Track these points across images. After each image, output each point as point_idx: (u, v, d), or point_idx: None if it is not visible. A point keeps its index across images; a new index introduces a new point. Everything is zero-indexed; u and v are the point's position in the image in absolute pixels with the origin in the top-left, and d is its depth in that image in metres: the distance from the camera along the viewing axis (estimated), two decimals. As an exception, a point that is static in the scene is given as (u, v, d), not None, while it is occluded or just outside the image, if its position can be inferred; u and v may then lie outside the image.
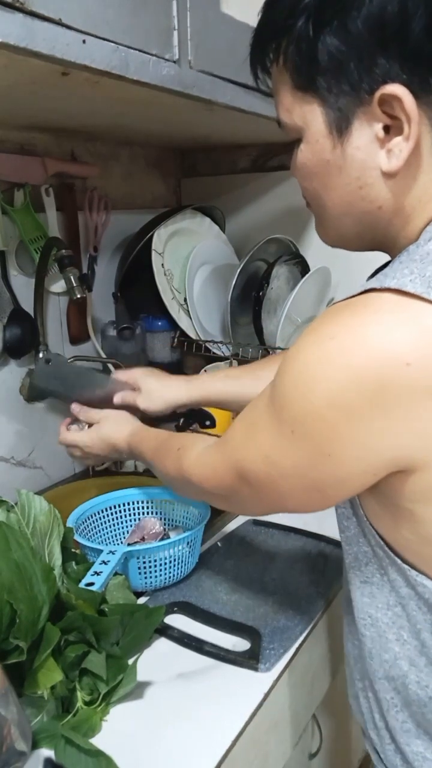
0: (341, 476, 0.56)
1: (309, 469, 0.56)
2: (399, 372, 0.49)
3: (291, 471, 0.58)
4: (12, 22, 0.60)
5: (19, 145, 1.16)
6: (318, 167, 0.59)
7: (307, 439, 0.55)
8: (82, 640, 0.71)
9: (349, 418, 0.52)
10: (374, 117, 0.54)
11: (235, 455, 0.64)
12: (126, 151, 1.44)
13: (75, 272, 1.09)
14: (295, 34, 0.55)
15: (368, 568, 0.64)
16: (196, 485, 0.74)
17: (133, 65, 0.75)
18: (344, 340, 0.52)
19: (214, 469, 0.69)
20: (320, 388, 0.52)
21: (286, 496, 0.61)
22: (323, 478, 0.57)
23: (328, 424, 0.53)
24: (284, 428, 0.56)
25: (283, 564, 0.98)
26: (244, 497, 0.66)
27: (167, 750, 0.65)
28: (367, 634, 0.66)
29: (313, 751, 0.99)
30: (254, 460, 0.61)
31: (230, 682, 0.75)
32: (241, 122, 1.10)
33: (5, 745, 0.60)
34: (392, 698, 0.66)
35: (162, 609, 0.78)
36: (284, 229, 1.45)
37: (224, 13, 0.91)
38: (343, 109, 0.55)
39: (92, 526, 0.99)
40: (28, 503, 0.80)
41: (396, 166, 0.55)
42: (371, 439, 0.52)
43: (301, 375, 0.54)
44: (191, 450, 0.76)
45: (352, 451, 0.53)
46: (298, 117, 0.59)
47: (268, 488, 0.61)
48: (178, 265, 1.42)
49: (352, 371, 0.51)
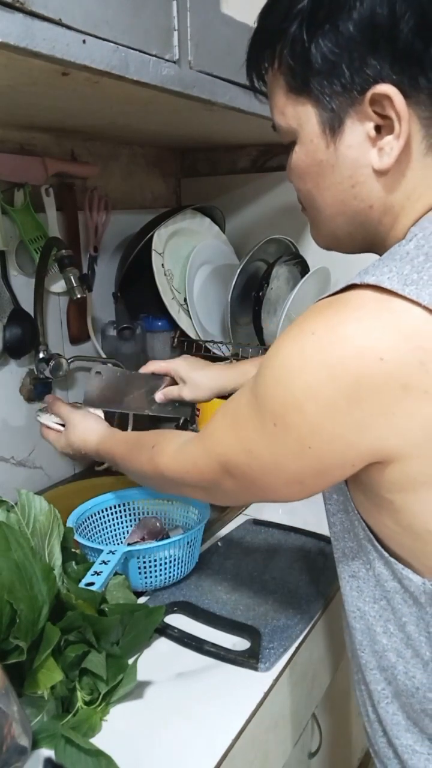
0: (321, 468, 0.57)
1: (290, 462, 0.58)
2: (373, 367, 0.51)
3: (272, 465, 0.59)
4: (12, 22, 0.60)
5: (19, 145, 1.16)
6: (312, 167, 0.61)
7: (288, 433, 0.56)
8: (82, 640, 0.71)
9: (327, 412, 0.53)
10: (366, 116, 0.56)
11: (217, 449, 0.65)
12: (126, 151, 1.45)
13: (75, 272, 1.09)
14: (289, 37, 0.57)
15: (355, 562, 0.66)
16: (174, 480, 0.75)
17: (133, 65, 0.75)
18: (323, 336, 0.53)
19: (194, 463, 0.70)
20: (300, 382, 0.54)
21: (267, 488, 0.62)
22: (304, 470, 0.58)
23: (307, 417, 0.54)
24: (266, 422, 0.58)
25: (283, 563, 0.98)
26: (226, 489, 0.67)
27: (167, 750, 0.65)
28: (357, 626, 0.67)
29: (313, 750, 0.99)
30: (237, 453, 0.62)
31: (230, 682, 0.75)
32: (241, 122, 1.10)
33: (6, 744, 0.60)
34: (383, 689, 0.67)
35: (162, 609, 0.78)
36: (284, 229, 1.45)
37: (224, 13, 0.91)
38: (335, 109, 0.57)
39: (92, 526, 0.99)
40: (28, 503, 0.80)
41: (387, 163, 0.57)
42: (349, 433, 0.54)
43: (283, 369, 0.56)
44: (167, 446, 0.76)
45: (330, 444, 0.55)
46: (293, 119, 0.61)
47: (250, 481, 0.63)
48: (178, 265, 1.42)
49: (329, 366, 0.52)
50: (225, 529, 1.09)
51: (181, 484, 0.74)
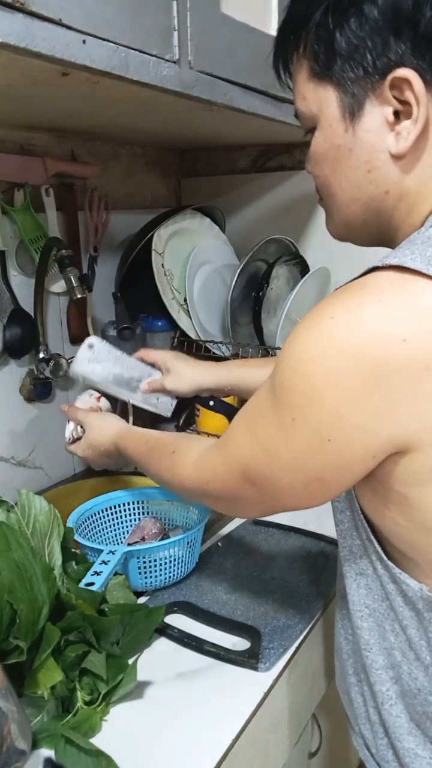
0: (341, 463, 0.56)
1: (310, 458, 0.56)
2: (395, 348, 0.50)
3: (292, 464, 0.58)
4: (12, 22, 0.60)
5: (19, 145, 1.16)
6: (329, 151, 0.61)
7: (307, 426, 0.55)
8: (82, 640, 0.71)
9: (347, 399, 0.52)
10: (385, 100, 0.57)
11: (237, 454, 0.64)
12: (126, 151, 1.45)
13: (75, 272, 1.09)
14: (314, 23, 0.58)
15: (362, 560, 0.65)
16: (195, 490, 0.73)
17: (133, 65, 0.75)
18: (341, 320, 0.52)
19: (215, 471, 0.68)
20: (318, 369, 0.53)
21: (287, 491, 0.60)
22: (324, 466, 0.56)
23: (326, 406, 0.53)
24: (284, 417, 0.56)
25: (283, 563, 0.98)
26: (248, 498, 0.65)
27: (167, 750, 0.65)
28: (365, 625, 0.67)
29: (313, 750, 0.99)
30: (256, 455, 0.61)
31: (230, 682, 0.75)
32: (241, 122, 1.10)
33: (6, 744, 0.60)
34: (387, 690, 0.67)
35: (162, 609, 0.78)
36: (284, 229, 1.45)
37: (224, 14, 0.91)
38: (356, 93, 0.58)
39: (92, 526, 0.99)
40: (28, 503, 0.80)
41: (404, 147, 0.57)
42: (370, 421, 0.53)
43: (300, 357, 0.55)
44: (188, 454, 0.74)
45: (351, 434, 0.54)
46: (314, 103, 0.61)
47: (270, 484, 0.61)
48: (178, 265, 1.42)
49: (348, 351, 0.51)
50: (225, 529, 1.09)
51: (202, 495, 0.73)
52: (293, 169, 1.47)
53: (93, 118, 1.06)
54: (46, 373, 1.22)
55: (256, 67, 0.97)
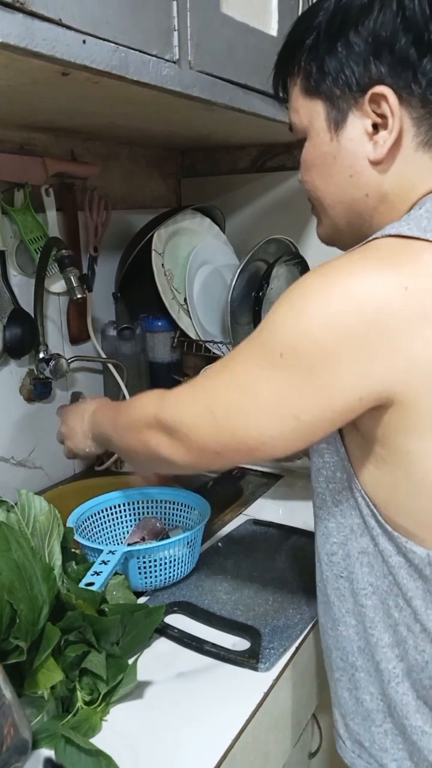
0: (325, 402, 0.58)
1: (291, 393, 0.58)
2: (397, 295, 0.54)
3: (269, 398, 0.59)
4: (12, 22, 0.60)
5: (19, 145, 1.16)
6: (317, 158, 0.70)
7: (296, 361, 0.57)
8: (82, 640, 0.71)
9: (345, 338, 0.55)
10: (365, 114, 0.65)
11: (208, 386, 0.66)
12: (126, 151, 1.45)
13: (75, 272, 1.09)
14: (307, 47, 0.67)
15: (363, 538, 0.66)
16: (149, 419, 0.71)
17: (133, 65, 0.75)
18: (343, 270, 0.57)
19: (178, 401, 0.69)
20: (318, 312, 0.56)
21: (253, 429, 0.61)
22: (305, 403, 0.58)
23: (322, 346, 0.55)
24: (270, 353, 0.58)
25: (283, 563, 0.98)
26: (202, 435, 0.65)
27: (167, 750, 0.65)
28: (369, 603, 0.68)
29: (313, 750, 0.99)
30: (228, 389, 0.62)
31: (230, 682, 0.75)
32: (241, 122, 1.10)
33: (6, 744, 0.60)
34: (394, 668, 0.67)
35: (162, 609, 0.78)
36: (284, 229, 1.45)
37: (224, 14, 0.91)
38: (341, 107, 0.66)
39: (92, 526, 0.99)
40: (28, 503, 0.80)
41: (380, 154, 0.65)
42: (364, 361, 0.55)
43: (298, 301, 0.58)
44: (155, 391, 0.75)
45: (342, 371, 0.56)
46: (305, 116, 0.70)
47: (236, 420, 0.61)
48: (178, 265, 1.42)
49: (351, 296, 0.55)
50: (225, 529, 1.09)
51: (155, 425, 0.70)
52: (293, 169, 1.47)
53: (93, 118, 1.06)
54: (46, 373, 1.22)
55: (256, 67, 0.97)
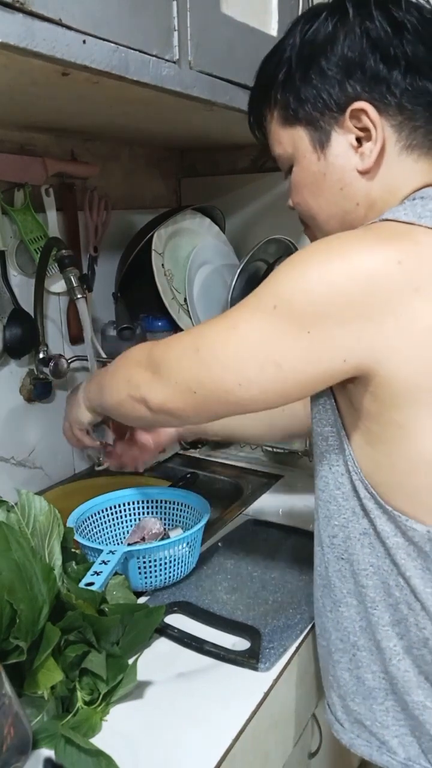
0: (310, 357, 0.60)
1: (277, 341, 0.60)
2: (391, 267, 0.57)
3: (255, 341, 0.62)
4: (12, 22, 0.60)
5: (19, 145, 1.16)
6: (308, 179, 0.73)
7: (288, 313, 0.60)
8: (82, 640, 0.71)
9: (339, 298, 0.58)
10: (347, 129, 0.69)
11: (196, 330, 0.69)
12: (126, 151, 1.45)
13: (75, 272, 1.09)
14: (280, 81, 0.71)
15: (364, 520, 0.68)
16: (134, 358, 0.77)
17: (133, 65, 0.75)
18: (345, 242, 0.61)
19: (167, 345, 0.72)
20: (316, 272, 0.59)
21: (235, 370, 0.63)
22: (290, 352, 0.60)
23: (315, 302, 0.58)
24: (265, 304, 0.61)
25: (283, 563, 0.98)
26: (186, 372, 0.67)
27: (167, 750, 0.65)
28: (370, 583, 0.69)
29: (313, 750, 0.99)
30: (217, 330, 0.65)
31: (230, 682, 0.75)
32: (241, 122, 1.09)
33: (6, 744, 0.60)
34: (395, 645, 0.69)
35: (162, 609, 0.78)
36: (284, 229, 1.45)
37: (224, 14, 0.91)
38: (323, 127, 0.70)
39: (92, 526, 0.99)
40: (28, 503, 0.80)
41: (368, 164, 0.68)
42: (354, 324, 0.58)
43: (299, 262, 0.61)
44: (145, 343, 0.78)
45: (330, 333, 0.59)
46: (288, 144, 0.73)
47: (219, 359, 0.64)
48: (178, 265, 1.42)
49: (349, 262, 0.59)
50: (225, 529, 1.09)
51: (139, 365, 0.74)
52: (293, 169, 1.47)
53: (93, 118, 1.06)
54: (46, 373, 1.22)
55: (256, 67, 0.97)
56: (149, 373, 0.72)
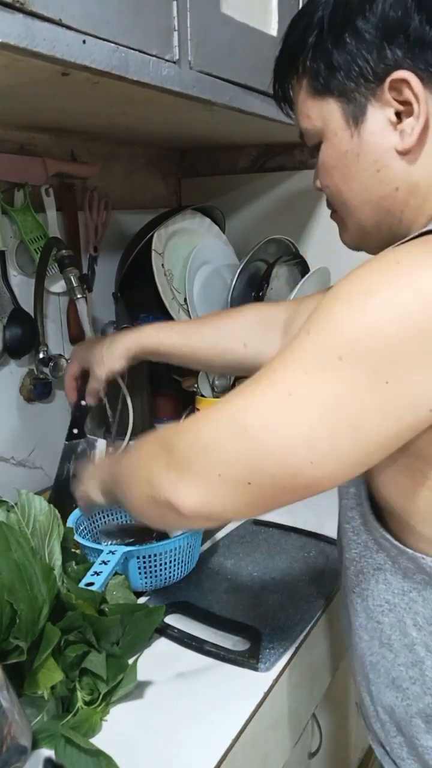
0: (391, 410, 0.50)
1: (349, 400, 0.49)
2: None
3: (320, 406, 0.50)
4: (12, 22, 0.60)
5: (19, 145, 1.16)
6: (338, 160, 0.64)
7: (358, 363, 0.49)
8: (82, 640, 0.71)
9: (416, 338, 0.48)
10: (386, 103, 0.60)
11: (238, 402, 0.54)
12: (126, 151, 1.45)
13: (75, 272, 1.09)
14: (310, 46, 0.63)
15: (379, 555, 0.64)
16: (157, 449, 0.61)
17: (133, 65, 0.75)
18: (408, 264, 0.50)
19: (202, 419, 0.58)
20: (384, 307, 0.48)
21: (299, 440, 0.51)
22: (367, 411, 0.50)
23: (389, 344, 0.48)
24: (324, 355, 0.50)
25: (283, 563, 0.98)
26: (232, 452, 0.53)
27: (167, 750, 0.65)
28: (386, 620, 0.65)
29: (313, 751, 0.99)
30: (263, 401, 0.52)
31: (230, 682, 0.75)
32: (241, 122, 1.10)
33: (6, 744, 0.60)
34: (407, 688, 0.66)
35: (162, 609, 0.78)
36: (284, 229, 1.45)
37: (224, 14, 0.91)
38: (358, 99, 0.61)
39: (92, 526, 0.99)
40: (28, 503, 0.80)
41: (409, 143, 0.60)
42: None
43: (359, 297, 0.50)
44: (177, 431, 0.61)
45: (413, 376, 0.49)
46: (318, 119, 0.65)
47: (277, 430, 0.51)
48: (178, 265, 1.42)
49: (420, 292, 0.48)
50: (225, 529, 1.09)
51: (161, 456, 0.59)
52: (293, 169, 1.47)
53: (93, 118, 1.06)
54: (46, 373, 1.22)
55: (256, 67, 0.97)
56: (175, 470, 0.57)
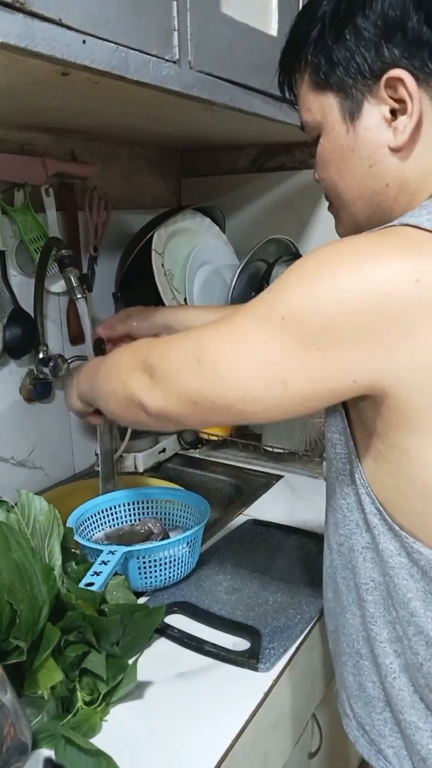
0: (317, 375, 0.57)
1: (284, 358, 0.57)
2: (409, 286, 0.53)
3: (260, 358, 0.58)
4: (12, 22, 0.60)
5: (19, 145, 1.16)
6: (334, 153, 0.67)
7: (297, 328, 0.56)
8: (82, 640, 0.71)
9: (350, 320, 0.54)
10: (381, 100, 0.63)
11: (198, 335, 0.64)
12: (126, 151, 1.45)
13: (75, 272, 1.09)
14: (312, 40, 0.65)
15: (367, 534, 0.66)
16: (133, 359, 0.72)
17: (133, 65, 0.75)
18: (361, 250, 0.55)
19: (166, 345, 0.68)
20: (328, 286, 0.55)
21: (238, 384, 0.59)
22: (298, 372, 0.57)
23: (326, 319, 0.54)
24: (272, 315, 0.57)
25: (283, 563, 0.98)
26: (187, 376, 0.63)
27: (167, 750, 0.65)
28: (370, 599, 0.67)
29: (313, 751, 0.99)
30: (221, 340, 0.61)
31: (230, 682, 0.75)
32: (241, 122, 1.10)
33: (6, 744, 0.60)
34: (391, 663, 0.67)
35: (162, 609, 0.78)
36: (284, 229, 1.45)
37: (224, 13, 0.91)
38: (355, 95, 0.64)
39: (92, 526, 0.99)
40: (28, 503, 0.80)
41: (402, 140, 0.62)
42: (366, 345, 0.54)
43: (310, 271, 0.57)
44: (153, 345, 0.72)
45: (341, 354, 0.55)
46: (317, 112, 0.67)
47: (222, 369, 0.60)
48: (178, 265, 1.42)
49: (363, 278, 0.54)
50: (225, 529, 1.09)
51: (136, 367, 0.70)
52: (293, 169, 1.47)
53: (93, 118, 1.06)
54: (46, 373, 1.22)
55: (256, 67, 0.97)
56: (147, 377, 0.69)
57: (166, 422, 0.70)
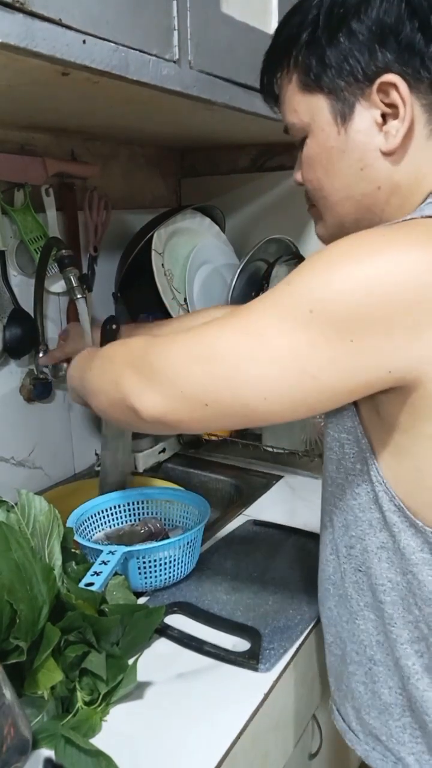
0: (350, 368, 0.54)
1: (313, 352, 0.54)
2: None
3: (285, 352, 0.54)
4: (12, 22, 0.60)
5: (19, 145, 1.16)
6: (322, 154, 0.66)
7: (327, 320, 0.53)
8: (82, 640, 0.71)
9: (386, 308, 0.52)
10: (373, 104, 0.63)
11: (210, 332, 0.60)
12: (126, 151, 1.45)
13: (75, 272, 1.09)
14: (303, 42, 0.64)
15: (383, 533, 0.65)
16: (130, 358, 0.67)
17: (133, 65, 0.75)
18: (389, 240, 0.54)
19: (172, 342, 0.63)
20: (359, 273, 0.53)
21: (259, 378, 0.56)
22: (328, 365, 0.54)
23: (360, 308, 0.52)
24: (298, 307, 0.54)
25: (283, 563, 0.98)
26: (196, 377, 0.59)
27: (167, 750, 0.65)
28: (388, 599, 0.66)
29: (314, 751, 0.99)
30: (235, 337, 0.57)
31: (230, 682, 0.75)
32: (241, 122, 1.10)
33: (6, 744, 0.60)
34: (413, 664, 0.66)
35: (162, 609, 0.78)
36: (284, 229, 1.45)
37: (224, 13, 0.91)
38: (347, 98, 0.63)
39: (92, 526, 0.99)
40: (28, 503, 0.80)
41: (393, 144, 0.62)
42: (400, 335, 0.52)
43: (339, 259, 0.54)
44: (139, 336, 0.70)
45: (375, 339, 0.53)
46: (305, 113, 0.66)
47: (241, 365, 0.56)
48: (178, 265, 1.42)
49: (397, 264, 0.52)
50: (225, 529, 1.09)
51: (134, 364, 0.65)
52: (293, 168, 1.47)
53: (93, 118, 1.06)
54: (46, 373, 1.22)
55: (256, 67, 0.96)
56: (142, 379, 0.63)
57: (161, 427, 0.65)
